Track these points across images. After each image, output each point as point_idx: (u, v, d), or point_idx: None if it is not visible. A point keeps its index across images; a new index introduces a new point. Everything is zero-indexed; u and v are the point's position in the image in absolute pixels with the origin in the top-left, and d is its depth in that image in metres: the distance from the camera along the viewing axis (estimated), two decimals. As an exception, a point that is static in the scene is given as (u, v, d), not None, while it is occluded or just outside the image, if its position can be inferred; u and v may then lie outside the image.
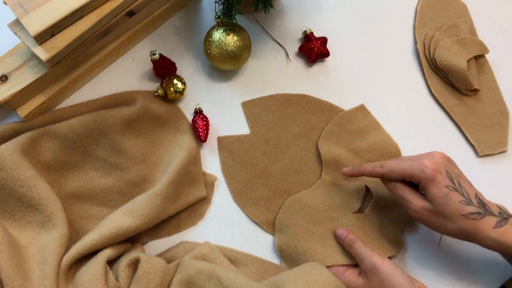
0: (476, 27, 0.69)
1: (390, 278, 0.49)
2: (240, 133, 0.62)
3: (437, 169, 0.49)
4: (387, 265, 0.50)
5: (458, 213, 0.48)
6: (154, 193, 0.54)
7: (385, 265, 0.50)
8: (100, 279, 0.48)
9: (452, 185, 0.48)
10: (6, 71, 0.56)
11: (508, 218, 0.48)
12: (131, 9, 0.58)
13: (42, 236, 0.52)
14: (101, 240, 0.51)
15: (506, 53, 0.68)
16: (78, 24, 0.54)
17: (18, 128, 0.57)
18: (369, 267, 0.51)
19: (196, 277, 0.50)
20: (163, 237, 0.57)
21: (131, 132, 0.59)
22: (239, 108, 0.63)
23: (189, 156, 0.57)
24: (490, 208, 0.48)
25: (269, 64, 0.65)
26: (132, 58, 0.64)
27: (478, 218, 0.47)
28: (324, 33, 0.66)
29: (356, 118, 0.62)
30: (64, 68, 0.58)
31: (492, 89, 0.65)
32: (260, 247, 0.57)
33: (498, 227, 0.47)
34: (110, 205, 0.58)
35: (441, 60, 0.64)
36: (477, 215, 0.47)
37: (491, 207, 0.49)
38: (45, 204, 0.52)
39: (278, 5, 0.68)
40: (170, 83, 0.60)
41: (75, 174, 0.58)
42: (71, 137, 0.57)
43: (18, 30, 0.53)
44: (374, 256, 0.51)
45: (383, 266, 0.50)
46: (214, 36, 0.59)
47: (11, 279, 0.47)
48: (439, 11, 0.69)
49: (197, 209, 0.59)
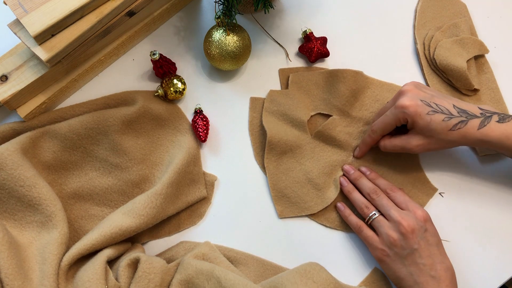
0: (476, 27, 0.69)
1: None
2: (240, 133, 0.62)
3: (414, 103, 0.53)
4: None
5: (445, 130, 0.52)
6: (154, 193, 0.54)
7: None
8: (100, 279, 0.48)
9: (431, 109, 0.53)
10: (6, 71, 0.56)
11: (491, 115, 0.52)
12: (131, 9, 0.58)
13: (42, 236, 0.52)
14: (101, 240, 0.51)
15: (506, 53, 0.68)
16: (78, 24, 0.54)
17: (18, 128, 0.57)
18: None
19: (196, 277, 0.50)
20: (163, 237, 0.57)
21: (131, 132, 0.59)
22: (239, 108, 0.63)
23: (189, 156, 0.57)
24: (472, 111, 0.53)
25: (269, 64, 0.65)
26: (132, 58, 0.64)
27: (463, 126, 0.52)
28: (324, 33, 0.66)
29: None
30: (64, 68, 0.58)
31: (492, 89, 0.65)
32: (260, 247, 0.58)
33: (482, 127, 0.51)
34: (110, 205, 0.58)
35: (441, 60, 0.64)
36: (461, 124, 0.52)
37: (472, 110, 0.53)
38: (45, 204, 0.52)
39: (278, 5, 0.68)
40: (170, 83, 0.60)
41: (75, 174, 0.58)
42: (71, 137, 0.57)
43: (18, 30, 0.53)
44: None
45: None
46: (214, 36, 0.59)
47: (11, 279, 0.47)
48: (439, 11, 0.69)
49: (197, 209, 0.59)
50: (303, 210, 0.58)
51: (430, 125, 0.53)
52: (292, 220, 0.59)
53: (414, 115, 0.53)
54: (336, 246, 0.58)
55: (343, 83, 0.62)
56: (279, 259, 0.57)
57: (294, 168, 0.60)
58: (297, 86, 0.63)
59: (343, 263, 0.57)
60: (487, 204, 0.60)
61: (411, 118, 0.53)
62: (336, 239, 0.58)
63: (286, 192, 0.59)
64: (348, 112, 0.62)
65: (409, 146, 0.55)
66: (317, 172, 0.59)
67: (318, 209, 0.58)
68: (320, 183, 0.59)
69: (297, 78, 0.63)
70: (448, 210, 0.60)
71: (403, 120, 0.54)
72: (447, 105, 0.53)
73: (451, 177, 0.61)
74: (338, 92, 0.62)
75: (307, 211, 0.58)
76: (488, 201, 0.60)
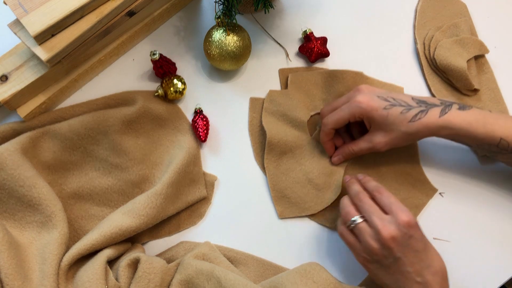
0: (476, 27, 0.69)
1: None
2: (240, 133, 0.62)
3: (369, 98, 0.53)
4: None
5: (404, 122, 0.52)
6: (154, 193, 0.54)
7: None
8: (100, 279, 0.48)
9: (387, 103, 0.53)
10: (6, 71, 0.56)
11: (451, 104, 0.52)
12: (131, 9, 0.58)
13: (42, 236, 0.52)
14: (101, 240, 0.51)
15: (506, 53, 0.68)
16: (78, 24, 0.54)
17: (18, 128, 0.57)
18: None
19: (196, 277, 0.50)
20: (163, 237, 0.57)
21: (131, 132, 0.59)
22: (239, 108, 0.63)
23: (189, 156, 0.57)
24: (431, 101, 0.53)
25: (269, 64, 0.65)
26: (132, 58, 0.64)
27: (423, 115, 0.51)
28: (324, 33, 0.66)
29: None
30: (64, 68, 0.58)
31: (492, 89, 0.65)
32: (260, 247, 0.58)
33: (444, 115, 0.51)
34: (110, 205, 0.58)
35: (441, 60, 0.64)
36: (420, 113, 0.52)
37: (432, 100, 0.53)
38: (45, 204, 0.52)
39: (278, 5, 0.68)
40: (170, 83, 0.60)
41: (75, 174, 0.58)
42: (71, 137, 0.57)
43: (18, 30, 0.53)
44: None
45: None
46: (214, 36, 0.59)
47: (11, 279, 0.47)
48: (439, 11, 0.69)
49: (197, 209, 0.59)
50: (303, 210, 0.58)
51: (388, 119, 0.53)
52: (292, 220, 0.59)
53: (370, 109, 0.53)
54: (336, 246, 0.58)
55: (342, 84, 0.62)
56: (279, 259, 0.57)
57: (294, 169, 0.60)
58: (296, 86, 0.63)
59: (343, 263, 0.57)
60: (487, 204, 0.60)
61: (367, 113, 0.53)
62: (336, 239, 0.58)
63: (286, 192, 0.59)
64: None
65: (373, 144, 0.55)
66: (317, 173, 0.59)
67: (318, 209, 0.58)
68: (320, 183, 0.59)
69: (296, 78, 0.63)
70: (448, 210, 0.60)
71: (358, 115, 0.54)
72: (405, 98, 0.53)
73: (451, 177, 0.61)
74: (337, 93, 0.62)
75: (307, 211, 0.58)
76: (488, 201, 0.60)
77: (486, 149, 0.54)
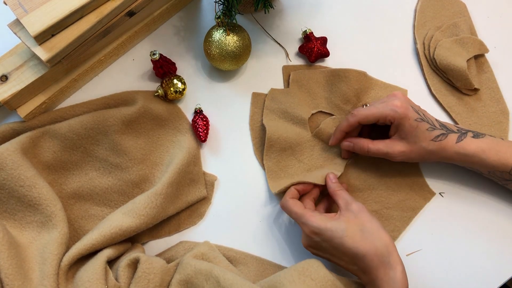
0: (476, 27, 0.69)
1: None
2: (240, 133, 0.62)
3: (406, 106, 0.55)
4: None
5: (427, 139, 0.54)
6: (154, 193, 0.54)
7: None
8: (100, 279, 0.48)
9: (419, 116, 0.55)
10: (6, 71, 0.56)
11: (466, 132, 0.55)
12: (131, 9, 0.58)
13: (42, 236, 0.52)
14: (101, 240, 0.51)
15: (506, 52, 0.68)
16: (78, 24, 0.54)
17: (18, 128, 0.57)
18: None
19: (195, 277, 0.50)
20: (163, 237, 0.57)
21: (131, 132, 0.59)
22: (239, 107, 0.63)
23: (189, 156, 0.57)
24: (450, 127, 0.56)
25: (269, 64, 0.65)
26: (132, 58, 0.64)
27: (443, 138, 0.54)
28: (324, 33, 0.66)
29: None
30: (64, 68, 0.58)
31: (492, 88, 0.65)
32: (260, 247, 0.58)
33: (460, 141, 0.54)
34: (110, 205, 0.58)
35: (441, 59, 0.64)
36: (442, 136, 0.54)
37: (450, 126, 0.56)
38: (45, 204, 0.52)
39: (278, 5, 0.68)
40: (170, 83, 0.60)
41: (75, 174, 0.58)
42: (71, 137, 0.57)
43: (18, 30, 0.53)
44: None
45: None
46: (214, 36, 0.59)
47: (11, 279, 0.47)
48: (438, 10, 0.69)
49: (197, 209, 0.59)
50: (294, 179, 0.57)
51: (416, 131, 0.54)
52: (292, 220, 0.59)
53: (404, 116, 0.54)
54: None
55: (345, 82, 0.62)
56: (278, 259, 0.57)
57: (293, 166, 0.60)
58: (298, 85, 0.63)
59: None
60: (487, 204, 0.60)
61: (400, 119, 0.54)
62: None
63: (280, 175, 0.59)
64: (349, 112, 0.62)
65: (392, 151, 0.56)
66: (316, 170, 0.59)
67: (309, 180, 0.57)
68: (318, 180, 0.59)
69: (297, 77, 0.63)
70: (448, 210, 0.60)
71: (390, 118, 0.55)
72: (431, 118, 0.56)
73: (451, 178, 0.61)
74: (340, 91, 0.62)
75: (298, 179, 0.57)
76: (488, 201, 0.60)
77: (498, 176, 0.56)
